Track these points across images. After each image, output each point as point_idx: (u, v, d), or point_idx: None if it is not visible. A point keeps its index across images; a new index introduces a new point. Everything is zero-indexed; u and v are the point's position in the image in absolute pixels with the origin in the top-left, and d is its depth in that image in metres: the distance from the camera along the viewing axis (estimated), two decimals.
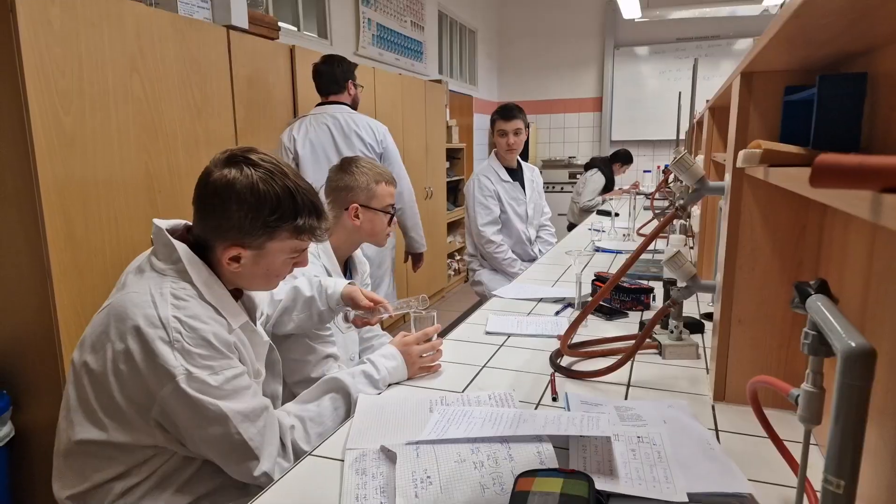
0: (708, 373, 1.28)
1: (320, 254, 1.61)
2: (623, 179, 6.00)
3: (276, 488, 0.88)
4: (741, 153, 0.76)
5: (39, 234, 1.79)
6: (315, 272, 1.61)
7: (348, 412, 1.16)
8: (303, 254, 1.12)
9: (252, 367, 1.11)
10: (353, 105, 2.81)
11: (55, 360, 1.86)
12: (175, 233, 1.07)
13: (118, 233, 2.01)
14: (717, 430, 1.04)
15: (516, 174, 3.13)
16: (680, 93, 3.57)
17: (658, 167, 5.97)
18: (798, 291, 0.67)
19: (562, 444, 0.95)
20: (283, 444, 1.06)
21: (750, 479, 0.86)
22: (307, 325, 1.47)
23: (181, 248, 1.02)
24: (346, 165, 1.70)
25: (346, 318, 1.47)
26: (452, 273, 5.64)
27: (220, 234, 1.03)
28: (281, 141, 2.71)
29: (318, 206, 1.08)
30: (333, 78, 2.73)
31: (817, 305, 0.60)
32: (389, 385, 1.25)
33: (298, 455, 1.06)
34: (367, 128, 2.74)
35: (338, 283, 1.45)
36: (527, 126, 3.07)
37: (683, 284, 1.24)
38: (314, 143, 2.67)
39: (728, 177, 1.07)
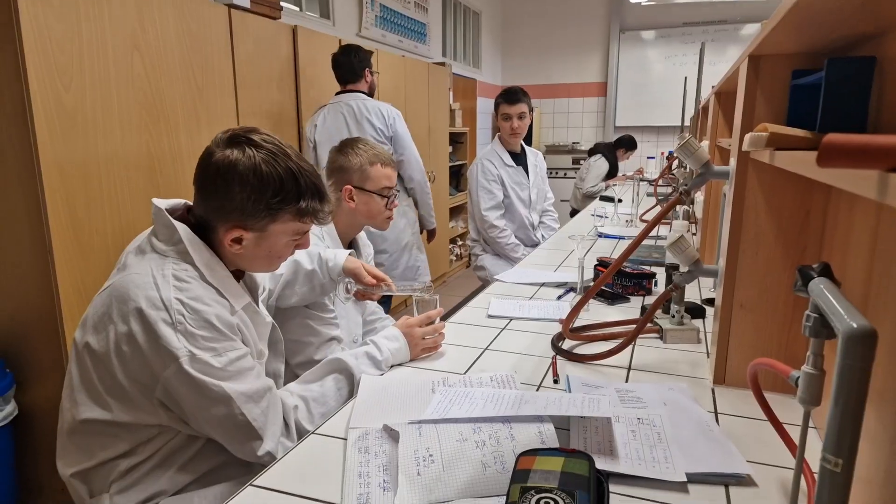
0: (708, 357, 1.29)
1: (324, 236, 1.61)
2: (627, 165, 5.98)
3: (279, 465, 0.89)
4: (747, 136, 0.76)
5: (41, 214, 1.79)
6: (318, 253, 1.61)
7: (351, 392, 1.17)
8: (305, 236, 1.12)
9: (255, 348, 1.12)
10: (370, 92, 2.94)
11: (57, 340, 1.87)
12: (175, 213, 1.06)
13: (119, 213, 2.02)
14: (716, 413, 1.05)
15: (520, 159, 3.12)
16: (686, 78, 3.54)
17: (662, 153, 5.94)
18: (801, 274, 0.67)
19: (563, 426, 0.96)
20: (286, 424, 1.07)
21: (748, 461, 0.87)
22: (310, 297, 1.47)
23: (182, 229, 1.02)
24: (343, 147, 1.68)
25: (346, 290, 1.48)
26: (455, 258, 5.65)
27: (222, 216, 1.02)
28: (307, 128, 2.91)
29: (321, 189, 1.08)
30: (350, 67, 2.85)
31: (819, 288, 0.60)
32: (392, 366, 1.26)
33: (302, 434, 1.07)
34: (378, 112, 2.84)
35: (338, 255, 1.43)
36: (531, 110, 3.05)
37: (686, 269, 1.24)
38: (330, 130, 2.79)
39: (733, 161, 1.07)
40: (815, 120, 0.77)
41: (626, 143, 5.55)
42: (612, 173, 5.39)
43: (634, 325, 1.26)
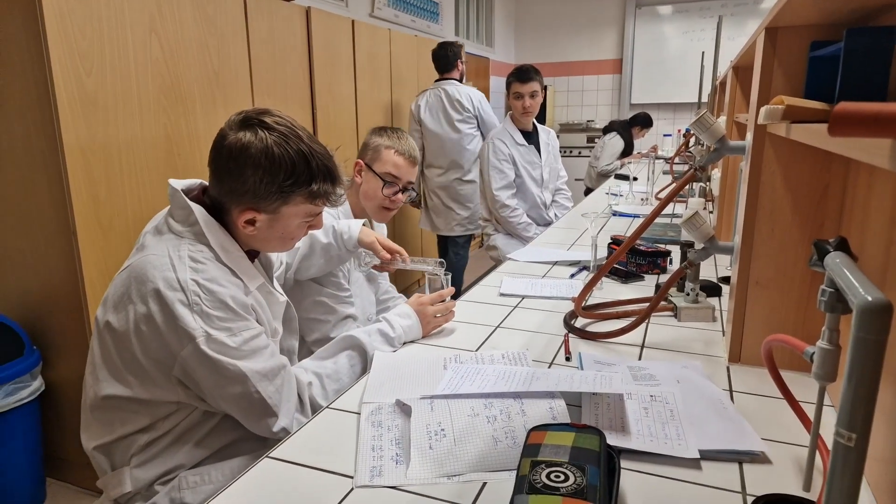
0: (724, 335, 1.28)
1: (339, 214, 1.62)
2: (642, 143, 5.90)
3: (295, 438, 0.91)
4: (763, 109, 0.75)
5: (64, 196, 1.82)
6: None
7: (364, 369, 1.19)
8: (317, 217, 1.13)
9: (269, 327, 1.13)
10: (461, 78, 3.60)
11: (81, 318, 1.91)
12: (191, 193, 1.08)
13: (139, 194, 2.04)
14: (731, 391, 1.05)
15: (532, 137, 3.10)
16: (703, 53, 3.47)
17: (679, 131, 5.86)
18: (817, 249, 0.66)
19: (575, 402, 0.96)
20: (300, 401, 1.09)
21: (763, 438, 0.87)
22: (328, 268, 1.51)
23: (198, 210, 1.03)
24: (379, 128, 1.73)
25: (363, 263, 1.50)
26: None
27: (236, 198, 1.03)
28: (410, 109, 3.60)
29: (333, 171, 1.07)
30: (446, 60, 3.54)
31: (835, 262, 0.60)
32: (404, 343, 1.27)
33: (316, 410, 1.09)
34: (467, 96, 3.50)
35: (352, 227, 1.44)
36: (543, 88, 3.02)
37: (700, 246, 1.23)
38: (431, 110, 3.52)
39: (749, 135, 1.05)
40: (834, 93, 0.75)
41: (642, 121, 5.47)
42: (627, 151, 5.32)
43: (648, 304, 1.25)
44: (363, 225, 1.46)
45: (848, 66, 0.73)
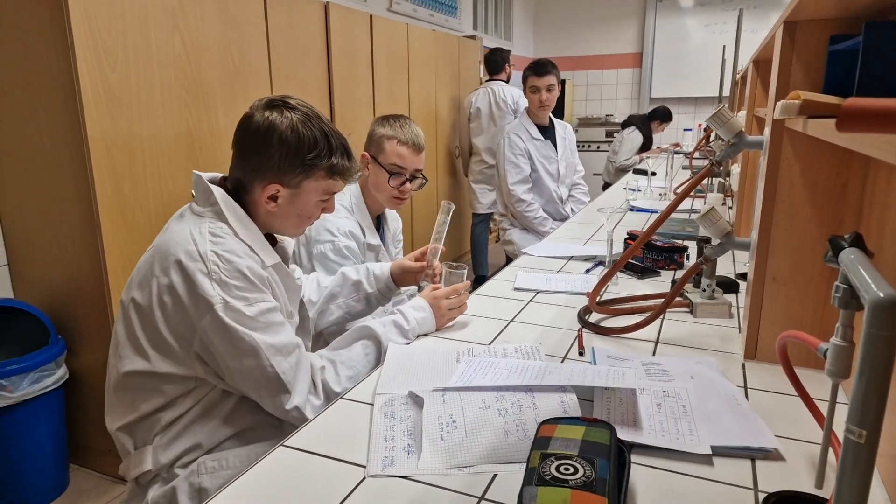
0: (740, 332, 1.27)
1: (354, 209, 1.63)
2: (662, 137, 5.83)
3: (309, 428, 0.92)
4: (779, 104, 0.74)
5: (89, 189, 1.86)
6: (349, 227, 1.64)
7: (378, 358, 1.20)
8: (331, 199, 1.20)
9: (285, 308, 1.17)
10: (507, 79, 4.25)
11: (104, 308, 1.96)
12: (212, 182, 1.14)
13: (161, 188, 2.08)
14: (746, 388, 1.04)
15: (548, 132, 3.08)
16: (724, 46, 3.41)
17: (699, 125, 5.78)
18: (832, 245, 0.66)
19: (586, 396, 0.96)
20: (313, 383, 1.12)
21: (777, 436, 0.86)
22: (355, 310, 1.52)
23: (217, 191, 1.09)
24: (382, 118, 1.72)
25: (420, 289, 1.51)
26: None
27: (260, 173, 1.09)
28: (463, 104, 4.36)
29: (349, 149, 1.16)
30: (496, 64, 4.23)
31: (850, 258, 0.59)
32: (418, 336, 1.28)
33: (329, 395, 1.12)
34: (510, 95, 4.12)
35: (383, 266, 1.50)
36: (560, 82, 3.00)
37: (717, 242, 1.22)
38: (481, 106, 4.17)
39: (767, 130, 1.04)
40: (853, 87, 0.74)
41: (661, 115, 5.41)
42: (646, 146, 5.27)
43: (663, 300, 1.25)
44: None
45: (866, 61, 0.72)
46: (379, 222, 1.79)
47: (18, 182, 2.01)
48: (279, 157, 1.07)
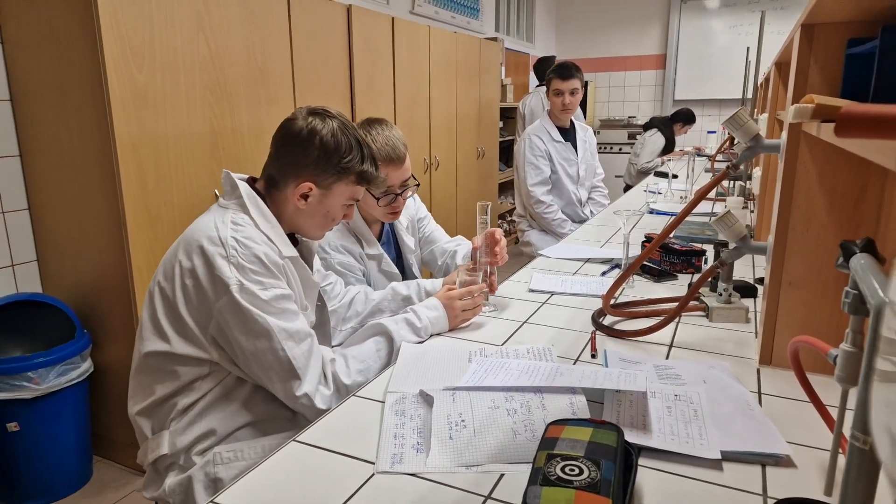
0: (756, 336, 1.26)
1: (349, 222, 1.57)
2: (685, 140, 5.77)
3: (321, 424, 0.94)
4: (792, 108, 0.74)
5: (116, 187, 1.91)
6: (341, 241, 1.58)
7: (390, 355, 1.23)
8: (352, 206, 1.27)
9: (300, 301, 1.21)
10: None
11: (129, 303, 2.00)
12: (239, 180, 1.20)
13: (185, 185, 2.12)
14: (760, 394, 1.03)
15: (569, 134, 3.07)
16: (748, 48, 3.37)
17: (723, 128, 5.69)
18: (843, 250, 0.65)
19: (597, 399, 0.96)
20: (324, 374, 1.15)
21: (789, 442, 0.86)
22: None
23: (242, 186, 1.17)
24: (365, 125, 1.55)
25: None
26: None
27: (295, 172, 1.17)
28: (518, 108, 5.17)
29: (376, 159, 1.25)
30: (544, 71, 4.60)
31: (859, 264, 0.59)
32: (431, 335, 1.29)
33: (339, 387, 1.14)
34: None
35: (435, 283, 1.53)
36: (584, 86, 2.99)
37: (733, 245, 1.21)
38: (532, 108, 4.91)
39: (784, 134, 1.03)
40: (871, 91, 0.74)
41: (684, 117, 5.35)
42: (668, 148, 5.21)
43: (678, 303, 1.24)
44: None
45: (883, 64, 0.71)
46: (385, 235, 1.78)
47: (49, 180, 2.08)
48: (317, 158, 1.16)
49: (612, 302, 1.43)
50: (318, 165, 1.16)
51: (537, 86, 5.02)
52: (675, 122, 5.34)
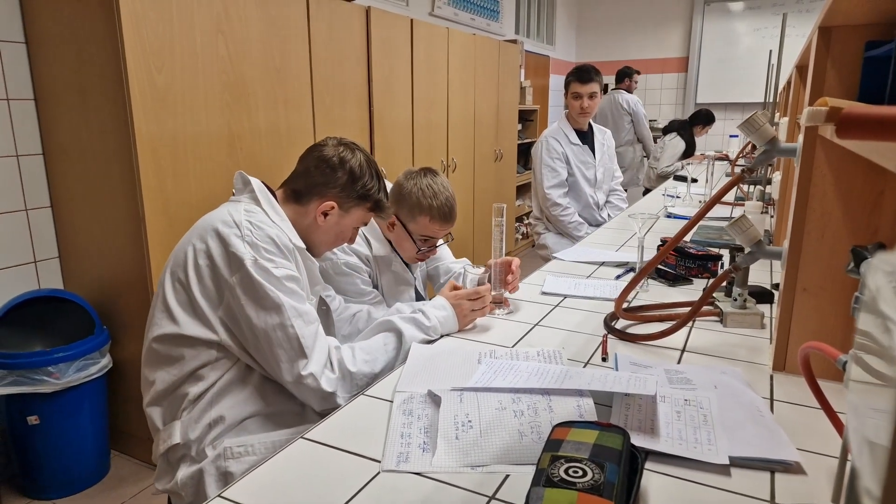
0: (771, 342, 1.24)
1: (372, 240, 1.62)
2: (706, 141, 5.71)
3: (329, 422, 0.95)
4: (806, 111, 0.73)
5: (135, 186, 1.95)
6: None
7: (398, 351, 1.24)
8: (357, 230, 1.40)
9: (306, 291, 1.23)
10: (628, 89, 5.69)
11: (147, 300, 2.04)
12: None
13: (203, 185, 2.15)
14: (772, 400, 1.02)
15: (586, 137, 3.06)
16: (770, 51, 3.33)
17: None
18: (854, 255, 0.64)
19: (606, 402, 0.96)
20: (330, 360, 1.17)
21: (799, 449, 0.85)
22: None
23: (255, 182, 1.25)
24: (413, 176, 1.59)
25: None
26: (520, 237, 5.62)
27: (323, 191, 1.29)
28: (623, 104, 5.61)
29: (388, 191, 1.41)
30: (621, 77, 5.70)
31: (869, 269, 0.58)
32: (441, 336, 1.30)
33: (344, 373, 1.16)
34: (626, 100, 5.55)
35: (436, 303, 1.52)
36: (603, 89, 2.98)
37: (748, 250, 1.20)
38: (604, 109, 5.58)
39: (800, 138, 1.02)
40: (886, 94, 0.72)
41: (703, 118, 5.27)
42: (689, 152, 5.16)
43: (691, 308, 1.23)
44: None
45: None
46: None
47: (70, 179, 2.12)
48: (344, 182, 1.29)
49: (624, 305, 1.42)
50: (344, 189, 1.29)
51: (613, 88, 5.73)
52: (695, 124, 5.28)
